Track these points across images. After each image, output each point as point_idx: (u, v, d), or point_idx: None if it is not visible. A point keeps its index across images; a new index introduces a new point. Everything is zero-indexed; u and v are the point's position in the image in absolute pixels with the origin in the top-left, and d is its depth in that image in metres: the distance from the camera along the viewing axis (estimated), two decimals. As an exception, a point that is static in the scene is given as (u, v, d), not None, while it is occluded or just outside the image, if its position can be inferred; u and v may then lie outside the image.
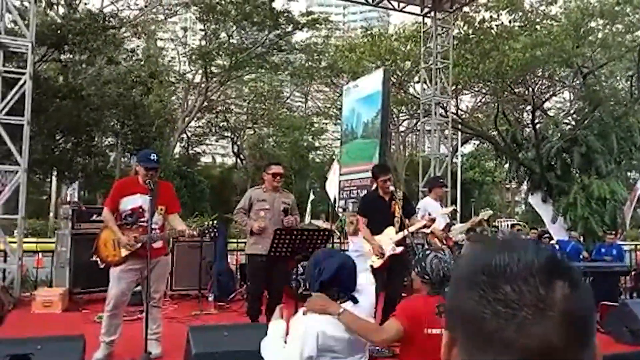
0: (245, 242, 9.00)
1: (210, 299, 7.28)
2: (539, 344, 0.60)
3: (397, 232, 5.26)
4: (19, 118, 7.62)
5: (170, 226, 4.56)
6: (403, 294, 5.58)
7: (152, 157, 4.47)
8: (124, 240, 4.29)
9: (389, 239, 5.20)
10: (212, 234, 4.63)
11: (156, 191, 4.32)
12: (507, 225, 21.36)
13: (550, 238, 10.89)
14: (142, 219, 4.37)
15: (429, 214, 6.61)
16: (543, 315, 0.60)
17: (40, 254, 9.08)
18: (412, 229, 5.07)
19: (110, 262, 4.42)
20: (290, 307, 4.70)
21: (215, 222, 4.80)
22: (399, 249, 5.17)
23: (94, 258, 4.64)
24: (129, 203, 4.40)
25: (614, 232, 10.23)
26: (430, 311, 2.46)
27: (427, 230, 6.04)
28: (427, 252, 2.70)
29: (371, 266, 4.99)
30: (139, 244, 4.32)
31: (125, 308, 6.12)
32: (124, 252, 4.34)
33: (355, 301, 2.36)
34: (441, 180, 7.42)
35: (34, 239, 11.74)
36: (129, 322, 5.81)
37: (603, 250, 9.58)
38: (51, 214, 24.91)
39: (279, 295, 5.12)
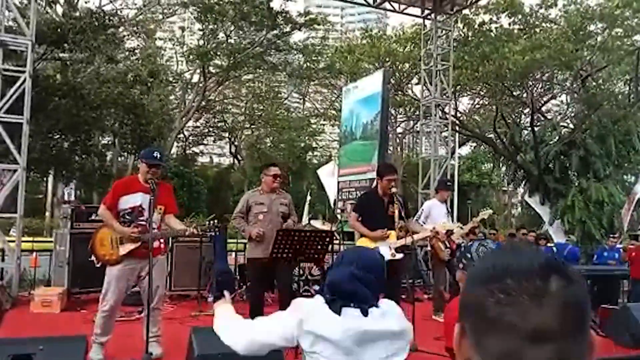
0: (244, 242, 9.02)
1: (209, 299, 7.24)
2: (535, 327, 0.69)
3: (397, 238, 5.23)
4: (18, 116, 7.58)
5: (167, 226, 4.52)
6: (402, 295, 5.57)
7: (155, 155, 4.47)
8: (128, 231, 4.25)
9: (388, 244, 5.16)
10: (215, 232, 4.60)
11: (157, 190, 4.31)
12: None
13: (547, 241, 10.89)
14: (141, 218, 4.35)
15: (426, 218, 6.61)
16: (540, 302, 0.69)
17: (36, 253, 9.03)
18: (417, 237, 5.03)
19: (107, 261, 4.37)
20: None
21: (216, 220, 4.76)
22: (399, 256, 5.13)
23: (91, 257, 4.59)
24: (128, 201, 4.37)
25: (616, 235, 10.18)
26: None
27: (430, 233, 6.04)
28: (470, 243, 2.55)
29: None
30: (138, 243, 4.29)
31: (122, 308, 6.14)
32: (122, 250, 4.29)
33: (364, 313, 1.95)
34: (448, 183, 7.43)
35: (30, 238, 11.67)
36: (128, 322, 5.80)
37: (605, 254, 9.57)
38: (47, 213, 24.81)
39: (287, 295, 5.07)
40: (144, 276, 4.36)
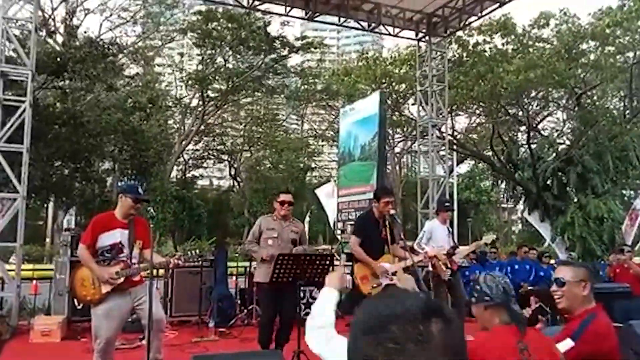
0: (245, 266, 8.99)
1: (210, 325, 7.21)
2: None
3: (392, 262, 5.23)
4: (18, 145, 7.64)
5: (147, 261, 4.38)
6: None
7: (140, 191, 4.47)
8: (106, 276, 4.13)
9: (388, 268, 5.16)
10: (195, 260, 4.60)
11: (134, 225, 4.31)
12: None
13: (550, 258, 10.82)
14: (121, 255, 4.27)
15: (428, 240, 6.63)
16: (424, 347, 0.72)
17: (36, 281, 9.00)
18: (409, 262, 5.03)
19: (89, 302, 4.25)
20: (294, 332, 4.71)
21: (197, 251, 4.75)
22: (396, 280, 5.12)
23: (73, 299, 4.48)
24: (108, 239, 4.26)
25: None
26: (509, 348, 2.09)
27: (432, 254, 6.04)
28: (476, 272, 2.56)
29: (369, 293, 4.92)
30: (122, 278, 4.21)
31: (124, 335, 6.11)
32: (104, 289, 4.17)
33: None
34: (447, 204, 7.47)
35: (30, 266, 11.63)
36: (129, 350, 5.77)
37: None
38: (47, 240, 24.75)
39: (290, 325, 5.06)
40: (139, 303, 4.27)
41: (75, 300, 4.45)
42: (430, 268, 6.63)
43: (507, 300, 2.24)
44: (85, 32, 12.79)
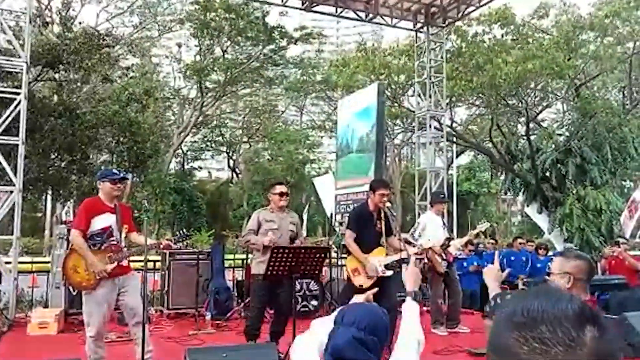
0: (242, 259, 8.98)
1: (207, 317, 7.22)
2: None
3: (386, 254, 5.22)
4: (14, 138, 7.61)
5: (134, 244, 4.55)
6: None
7: (116, 171, 4.59)
8: (100, 268, 4.18)
9: (377, 261, 5.14)
10: (183, 240, 4.66)
11: (120, 209, 4.40)
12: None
13: (547, 250, 10.83)
14: (112, 239, 4.35)
15: (422, 231, 6.62)
16: (574, 352, 0.69)
17: (35, 274, 9.01)
18: (404, 255, 5.01)
19: (84, 288, 4.31)
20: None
21: (183, 230, 4.78)
22: (389, 273, 5.11)
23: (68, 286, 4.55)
24: (99, 222, 4.33)
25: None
26: None
27: (428, 246, 6.03)
28: (506, 294, 2.45)
29: (360, 286, 4.90)
30: (115, 264, 4.27)
31: (118, 328, 6.12)
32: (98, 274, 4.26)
33: None
34: (442, 196, 7.45)
35: (29, 258, 11.64)
36: (125, 343, 5.77)
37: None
38: (46, 232, 24.77)
39: (285, 317, 5.06)
40: (123, 292, 4.35)
41: (70, 288, 4.49)
42: (426, 260, 6.64)
43: None
44: (80, 23, 12.68)
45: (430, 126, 11.67)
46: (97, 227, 4.30)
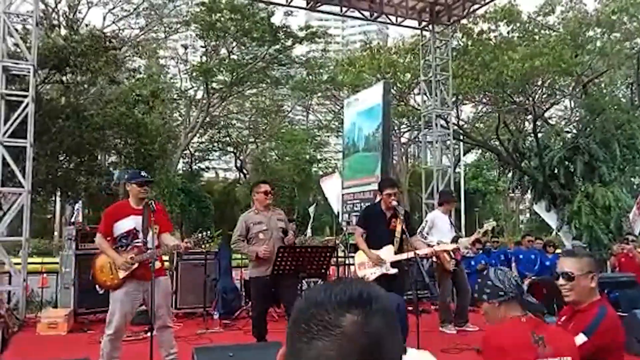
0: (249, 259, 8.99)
1: (215, 316, 7.25)
2: (315, 357, 0.70)
3: (395, 252, 5.22)
4: (22, 140, 7.68)
5: (163, 244, 4.58)
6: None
7: (142, 174, 4.62)
8: (120, 261, 4.30)
9: (384, 258, 5.16)
10: (205, 242, 4.65)
11: (148, 210, 4.41)
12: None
13: (556, 247, 10.78)
14: (137, 240, 4.42)
15: (430, 229, 6.62)
16: (326, 333, 0.71)
17: (44, 274, 9.08)
18: (420, 252, 5.03)
19: (109, 287, 4.43)
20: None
21: (209, 232, 4.76)
22: (393, 271, 5.12)
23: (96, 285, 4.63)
24: (123, 226, 4.44)
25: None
26: (522, 339, 2.10)
27: (440, 249, 6.03)
28: (483, 272, 2.37)
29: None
30: (136, 264, 4.33)
31: (129, 327, 6.15)
32: (121, 274, 4.34)
33: None
34: (451, 195, 7.45)
35: (39, 259, 11.74)
36: (134, 342, 5.81)
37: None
38: (56, 233, 24.96)
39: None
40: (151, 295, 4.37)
41: (97, 287, 4.58)
42: (434, 259, 6.64)
43: (521, 293, 2.22)
44: (87, 25, 12.78)
45: (436, 124, 11.64)
46: (122, 230, 4.42)
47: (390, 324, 0.75)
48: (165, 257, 8.55)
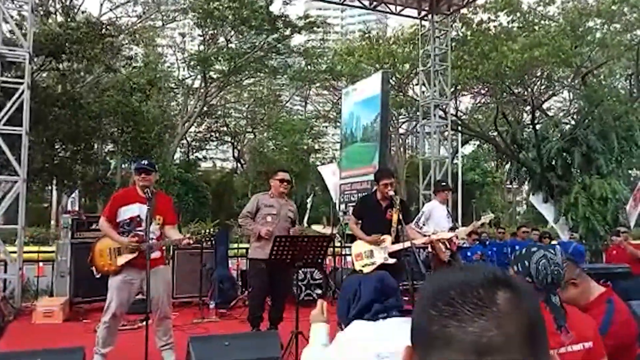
0: (246, 248, 9.00)
1: (211, 306, 7.25)
2: (476, 339, 0.64)
3: (393, 242, 5.22)
4: (17, 128, 7.62)
5: (166, 237, 4.57)
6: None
7: (143, 162, 4.63)
8: (126, 241, 4.31)
9: (383, 248, 5.15)
10: (210, 242, 4.64)
11: (154, 201, 4.37)
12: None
13: (551, 239, 10.79)
14: (139, 228, 4.40)
15: (427, 220, 6.60)
16: (482, 312, 0.66)
17: (41, 263, 9.07)
18: (417, 242, 5.03)
19: (106, 272, 4.44)
20: (291, 313, 4.72)
21: (212, 230, 4.77)
22: (392, 260, 5.12)
23: (92, 268, 4.62)
24: (127, 212, 4.45)
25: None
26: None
27: (436, 238, 6.02)
28: (534, 248, 2.14)
29: (361, 270, 4.95)
30: (135, 253, 4.33)
31: (125, 316, 6.14)
32: (119, 261, 4.35)
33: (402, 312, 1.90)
34: (444, 184, 7.42)
35: (35, 248, 11.72)
36: (130, 332, 5.80)
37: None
38: (52, 222, 24.92)
39: (282, 303, 5.12)
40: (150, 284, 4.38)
41: (93, 270, 4.57)
42: (430, 249, 6.63)
43: (550, 291, 2.06)
44: (83, 12, 12.66)
45: (434, 115, 11.60)
46: (125, 217, 4.43)
47: (538, 305, 0.72)
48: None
